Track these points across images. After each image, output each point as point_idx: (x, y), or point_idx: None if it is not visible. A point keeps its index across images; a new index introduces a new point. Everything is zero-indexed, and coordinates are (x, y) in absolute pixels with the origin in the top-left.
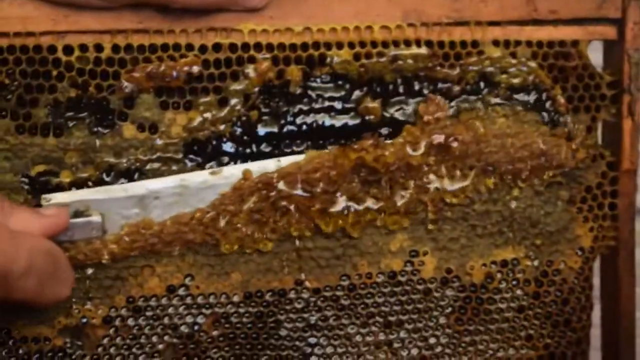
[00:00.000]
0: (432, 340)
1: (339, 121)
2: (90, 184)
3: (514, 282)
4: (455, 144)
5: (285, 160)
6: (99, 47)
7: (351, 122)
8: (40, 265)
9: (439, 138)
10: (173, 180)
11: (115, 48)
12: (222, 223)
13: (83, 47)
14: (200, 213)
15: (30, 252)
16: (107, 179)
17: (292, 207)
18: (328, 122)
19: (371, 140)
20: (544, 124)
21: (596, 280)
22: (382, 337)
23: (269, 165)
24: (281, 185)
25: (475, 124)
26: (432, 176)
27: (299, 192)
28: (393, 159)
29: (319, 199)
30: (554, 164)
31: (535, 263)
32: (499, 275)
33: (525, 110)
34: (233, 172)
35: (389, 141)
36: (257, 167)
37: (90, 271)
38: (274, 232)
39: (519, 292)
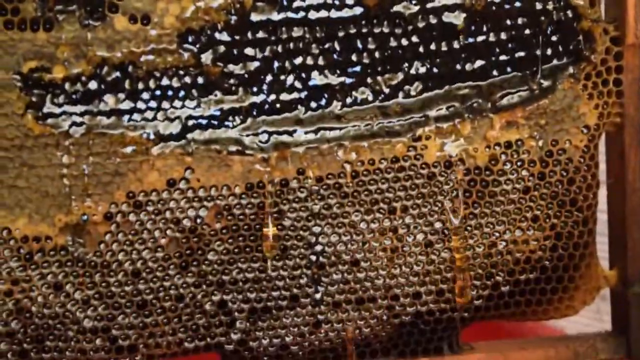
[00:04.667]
0: (437, 225)
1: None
2: (83, 79)
3: (519, 163)
4: None
5: None
6: None
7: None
8: None
9: None
10: None
11: None
12: None
13: None
14: None
15: None
16: (101, 73)
17: None
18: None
19: None
20: None
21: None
22: (386, 223)
23: None
24: None
25: None
26: None
27: None
28: None
29: None
30: None
31: (540, 143)
32: (503, 157)
33: None
34: None
35: None
36: None
37: (87, 168)
38: None
39: (524, 172)
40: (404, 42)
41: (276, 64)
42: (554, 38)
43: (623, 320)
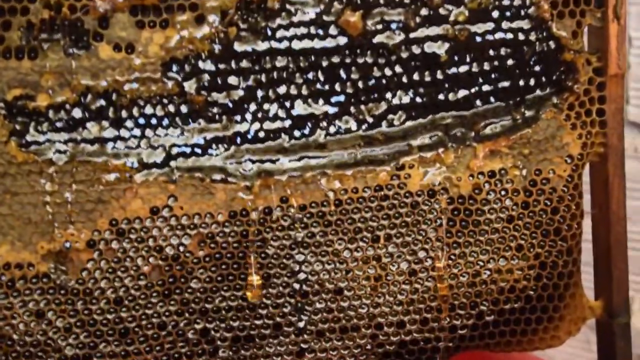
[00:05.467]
0: (421, 254)
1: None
2: (67, 107)
3: (503, 192)
4: None
5: None
6: None
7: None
8: None
9: None
10: None
11: None
12: None
13: None
14: None
15: None
16: (85, 102)
17: None
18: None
19: None
20: None
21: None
22: (370, 252)
23: None
24: None
25: None
26: None
27: None
28: None
29: None
30: None
31: (524, 172)
32: (486, 186)
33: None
34: None
35: None
36: None
37: (70, 195)
38: None
39: (507, 202)
40: (388, 72)
41: (260, 93)
42: (537, 68)
43: (610, 350)
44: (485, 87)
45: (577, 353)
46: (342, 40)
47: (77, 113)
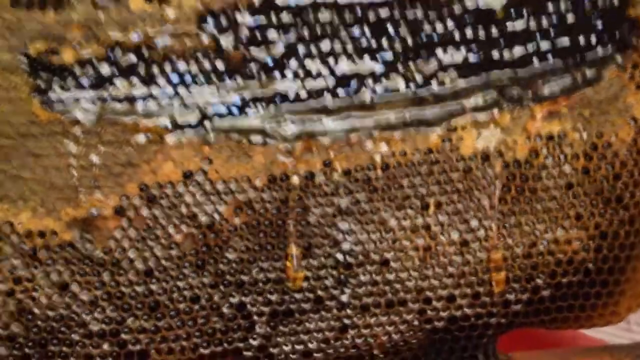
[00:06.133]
0: (473, 223)
1: None
2: (94, 62)
3: (561, 157)
4: None
5: None
6: None
7: None
8: None
9: None
10: None
11: None
12: None
13: None
14: None
15: None
16: (113, 57)
17: None
18: None
19: None
20: None
21: None
22: (418, 220)
23: None
24: None
25: None
26: None
27: None
28: None
29: None
30: None
31: (584, 135)
32: (544, 150)
33: None
34: None
35: None
36: None
37: (96, 158)
38: None
39: (566, 167)
40: (439, 27)
41: (302, 49)
42: (598, 25)
43: None
44: (544, 45)
45: (618, 334)
46: None
47: (104, 69)
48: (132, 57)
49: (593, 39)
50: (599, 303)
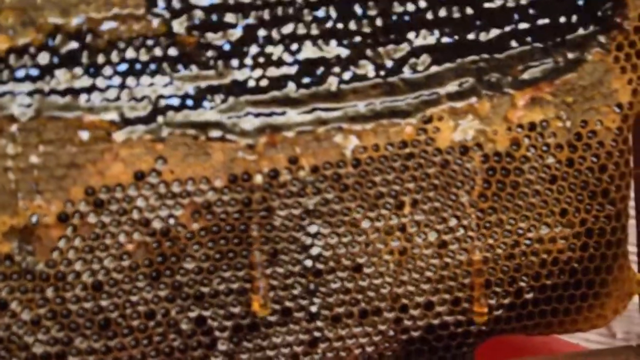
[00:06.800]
0: (452, 222)
1: None
2: (32, 51)
3: (544, 148)
4: None
5: None
6: None
7: None
8: None
9: None
10: None
11: None
12: None
13: None
14: None
15: None
16: (53, 44)
17: None
18: None
19: None
20: None
21: None
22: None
23: None
24: None
25: None
26: None
27: None
28: None
29: None
30: None
31: (568, 124)
32: (526, 141)
33: None
34: None
35: None
36: None
37: (36, 159)
38: None
39: (550, 159)
40: (410, 7)
41: (262, 33)
42: (579, 2)
43: None
44: (522, 25)
45: (599, 340)
46: None
47: (43, 58)
48: (74, 45)
49: (574, 19)
50: (585, 306)
